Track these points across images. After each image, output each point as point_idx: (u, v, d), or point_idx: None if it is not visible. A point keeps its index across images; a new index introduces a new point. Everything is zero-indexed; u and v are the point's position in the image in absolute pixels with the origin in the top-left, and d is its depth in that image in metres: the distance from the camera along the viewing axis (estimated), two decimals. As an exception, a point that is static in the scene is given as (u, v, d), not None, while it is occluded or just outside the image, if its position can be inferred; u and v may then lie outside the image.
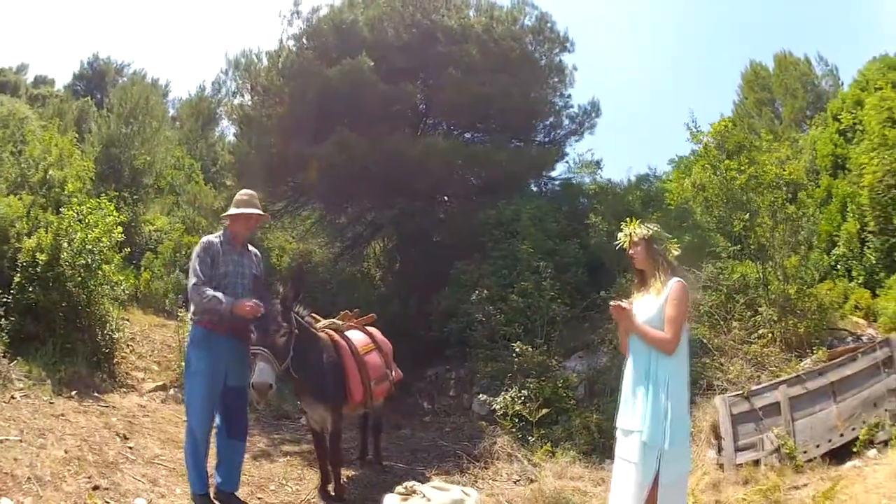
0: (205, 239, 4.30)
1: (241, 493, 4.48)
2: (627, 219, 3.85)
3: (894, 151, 8.06)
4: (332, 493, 4.70)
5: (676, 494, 3.42)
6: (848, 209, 9.11)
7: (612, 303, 3.53)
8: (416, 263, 10.44)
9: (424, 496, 3.29)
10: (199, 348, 4.15)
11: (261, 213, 4.48)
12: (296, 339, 4.17)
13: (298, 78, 9.58)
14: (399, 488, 3.41)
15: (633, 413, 3.46)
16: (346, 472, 5.20)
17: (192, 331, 4.29)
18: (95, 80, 25.03)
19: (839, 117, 10.59)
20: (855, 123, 10.04)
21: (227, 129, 19.68)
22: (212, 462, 4.36)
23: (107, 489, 4.13)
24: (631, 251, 3.70)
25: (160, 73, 56.11)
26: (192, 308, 4.25)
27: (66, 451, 4.45)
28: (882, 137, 8.32)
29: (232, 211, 4.36)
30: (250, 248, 4.50)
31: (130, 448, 5.06)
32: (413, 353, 8.16)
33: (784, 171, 7.00)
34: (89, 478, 4.20)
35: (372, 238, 12.42)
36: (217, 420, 4.30)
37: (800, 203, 7.15)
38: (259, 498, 4.65)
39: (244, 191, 4.54)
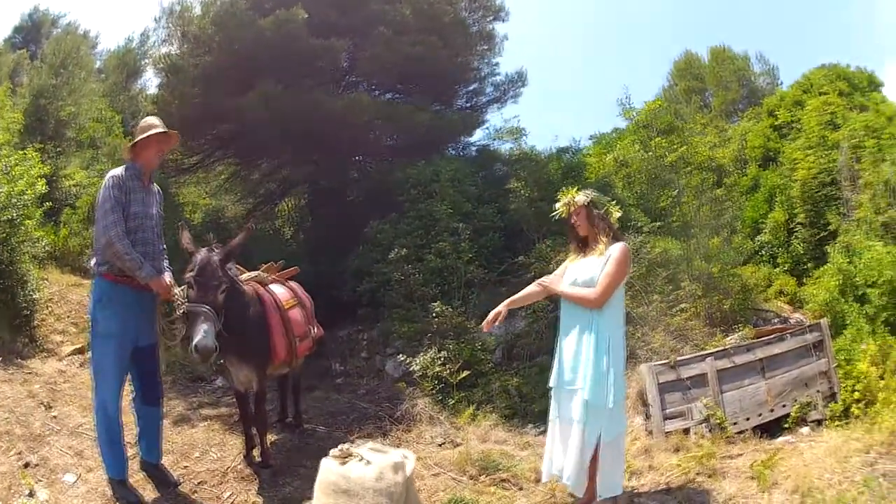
0: (114, 174, 3.80)
1: (166, 461, 4.45)
2: (564, 188, 3.98)
3: (832, 153, 8.60)
4: (259, 459, 4.59)
5: (616, 452, 3.64)
6: (777, 199, 9.68)
7: (482, 326, 3.88)
8: (328, 222, 10.42)
9: (363, 459, 3.14)
10: (106, 306, 3.74)
11: (172, 131, 4.13)
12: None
13: (230, 27, 9.26)
14: (335, 451, 3.20)
15: (575, 372, 3.58)
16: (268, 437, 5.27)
17: (96, 284, 3.81)
18: (32, 32, 23.85)
19: (776, 113, 11.22)
20: (792, 121, 10.62)
21: (149, 82, 19.18)
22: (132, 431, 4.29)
23: (37, 465, 4.12)
24: (573, 219, 3.84)
25: (91, 25, 53.40)
26: (95, 257, 3.80)
27: (-5, 426, 4.37)
28: (821, 138, 8.88)
29: (149, 132, 3.91)
30: (154, 185, 4.16)
31: (54, 418, 5.05)
32: (324, 314, 8.13)
33: (715, 154, 7.27)
34: (19, 454, 4.19)
35: (284, 195, 12.31)
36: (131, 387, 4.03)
37: (725, 187, 7.47)
38: (185, 466, 4.61)
39: (147, 118, 4.16)
